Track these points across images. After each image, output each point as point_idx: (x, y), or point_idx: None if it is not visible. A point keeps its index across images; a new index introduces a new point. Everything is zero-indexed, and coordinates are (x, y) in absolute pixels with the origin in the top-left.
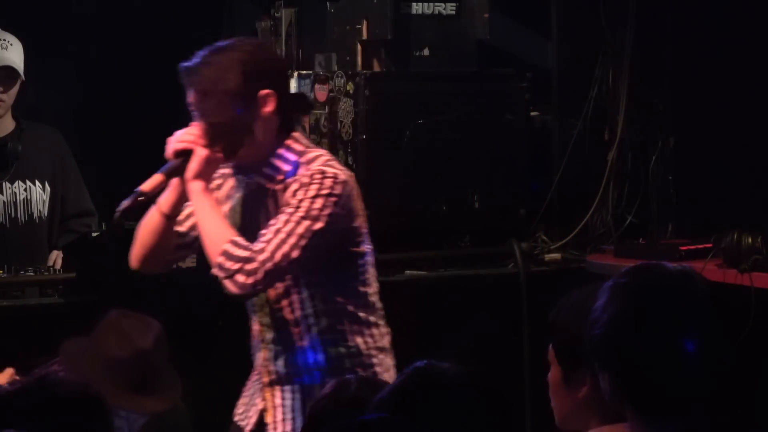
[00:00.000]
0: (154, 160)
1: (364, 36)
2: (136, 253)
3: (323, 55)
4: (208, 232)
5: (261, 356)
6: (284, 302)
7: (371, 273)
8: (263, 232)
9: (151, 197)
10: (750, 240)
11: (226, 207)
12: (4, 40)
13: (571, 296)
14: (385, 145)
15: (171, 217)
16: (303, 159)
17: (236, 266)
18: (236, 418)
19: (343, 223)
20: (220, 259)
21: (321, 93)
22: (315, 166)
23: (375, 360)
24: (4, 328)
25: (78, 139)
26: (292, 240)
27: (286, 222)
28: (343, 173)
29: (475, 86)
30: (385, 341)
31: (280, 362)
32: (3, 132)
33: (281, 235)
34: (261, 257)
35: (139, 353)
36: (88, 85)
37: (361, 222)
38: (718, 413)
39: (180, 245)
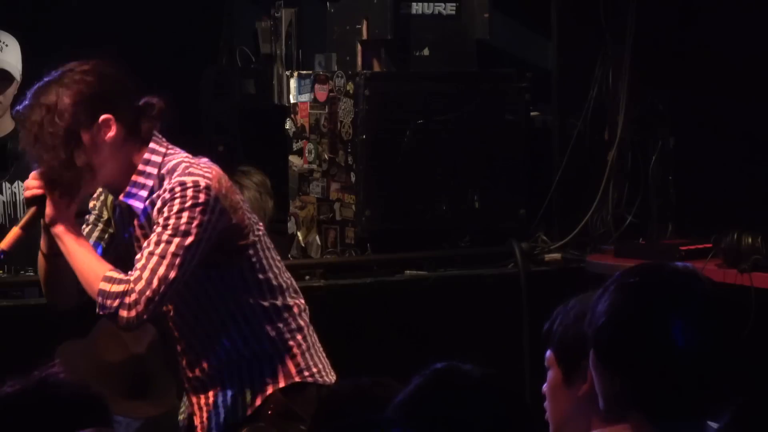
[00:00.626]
0: None
1: (364, 36)
2: (46, 295)
3: (323, 55)
4: (81, 274)
5: (178, 360)
6: (180, 316)
7: (268, 255)
8: (137, 258)
9: (12, 252)
10: (750, 240)
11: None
12: (0, 41)
13: (568, 303)
14: (385, 145)
15: (54, 255)
16: (164, 170)
17: (116, 303)
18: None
19: (217, 226)
20: (99, 300)
21: (321, 93)
22: (175, 177)
23: (292, 343)
24: (4, 328)
25: None
26: (167, 260)
27: (157, 243)
28: (204, 177)
29: (475, 86)
30: (301, 320)
31: (197, 370)
32: (2, 132)
33: (154, 258)
34: (138, 286)
35: (134, 358)
36: None
37: (240, 214)
38: (720, 411)
39: None
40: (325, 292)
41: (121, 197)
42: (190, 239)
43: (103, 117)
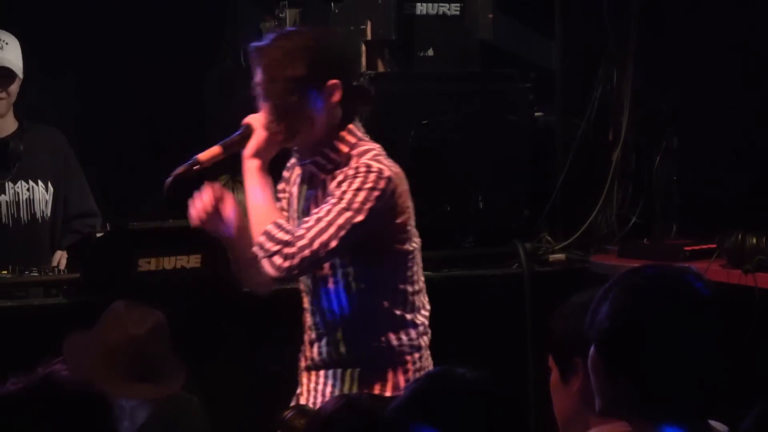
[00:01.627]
0: (156, 160)
1: (368, 36)
2: (243, 282)
3: None
4: (255, 211)
5: (303, 339)
6: (322, 291)
7: (415, 271)
8: (305, 219)
9: (206, 167)
10: (754, 240)
11: (288, 193)
12: (1, 39)
13: (565, 304)
14: (388, 145)
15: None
16: (354, 152)
17: (275, 248)
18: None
19: (384, 218)
20: (261, 239)
21: None
22: (363, 159)
23: (408, 358)
24: (8, 329)
25: (80, 139)
26: (332, 230)
27: (328, 212)
28: (389, 170)
29: (479, 86)
30: (422, 341)
31: (316, 348)
32: (5, 132)
33: (321, 224)
34: (300, 243)
35: (134, 341)
36: (91, 85)
37: (406, 219)
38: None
39: None
40: None
41: (309, 163)
42: (359, 218)
43: (332, 81)
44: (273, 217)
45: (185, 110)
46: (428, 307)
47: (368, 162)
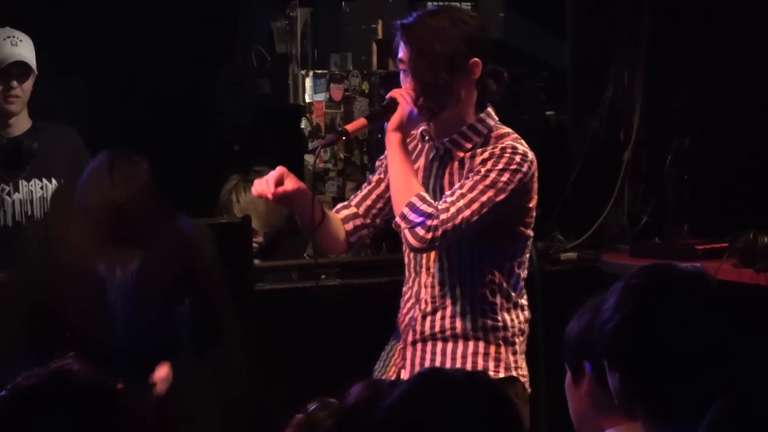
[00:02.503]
0: (169, 158)
1: (380, 35)
2: (318, 246)
3: (338, 54)
4: (398, 183)
5: (411, 315)
6: (446, 264)
7: (527, 257)
8: (448, 193)
9: (352, 137)
10: (766, 239)
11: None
12: (14, 36)
13: (581, 306)
14: None
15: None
16: (493, 133)
17: (419, 219)
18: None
19: (520, 200)
20: (405, 210)
21: (336, 92)
22: (508, 141)
23: (516, 339)
24: None
25: (93, 138)
26: (475, 206)
27: (472, 188)
28: (530, 153)
29: None
30: (526, 327)
31: (428, 322)
32: (19, 130)
33: (465, 200)
34: (443, 216)
35: (115, 207)
36: (103, 85)
37: (534, 204)
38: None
39: (355, 226)
40: (341, 292)
41: (446, 140)
42: (501, 196)
43: (474, 60)
44: (415, 189)
45: (197, 109)
46: (526, 293)
47: (513, 144)
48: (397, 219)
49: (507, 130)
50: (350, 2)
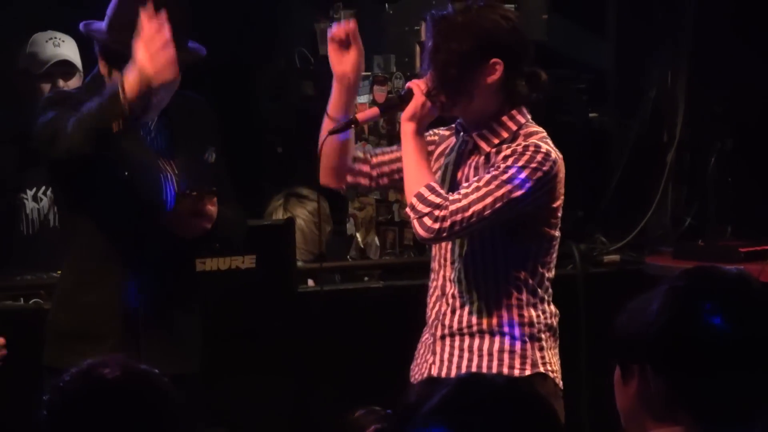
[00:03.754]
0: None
1: (423, 37)
2: (322, 177)
3: (382, 56)
4: (409, 173)
5: (438, 309)
6: (469, 260)
7: (553, 258)
8: (465, 185)
9: (361, 126)
10: None
11: (437, 164)
12: (56, 38)
13: (630, 300)
14: None
15: (334, 119)
16: (522, 131)
17: (426, 209)
18: (411, 379)
19: (541, 200)
20: (414, 200)
21: (379, 94)
22: (532, 139)
23: (543, 336)
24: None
25: None
26: (489, 200)
27: (488, 182)
28: (555, 153)
29: None
30: (554, 320)
31: (455, 317)
32: None
33: (479, 192)
34: (453, 207)
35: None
36: None
37: (559, 205)
38: None
39: (359, 170)
40: (384, 294)
41: (475, 134)
42: (518, 193)
43: (494, 60)
44: (426, 179)
45: (240, 111)
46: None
47: (537, 142)
48: (407, 209)
49: (537, 129)
50: (393, 4)
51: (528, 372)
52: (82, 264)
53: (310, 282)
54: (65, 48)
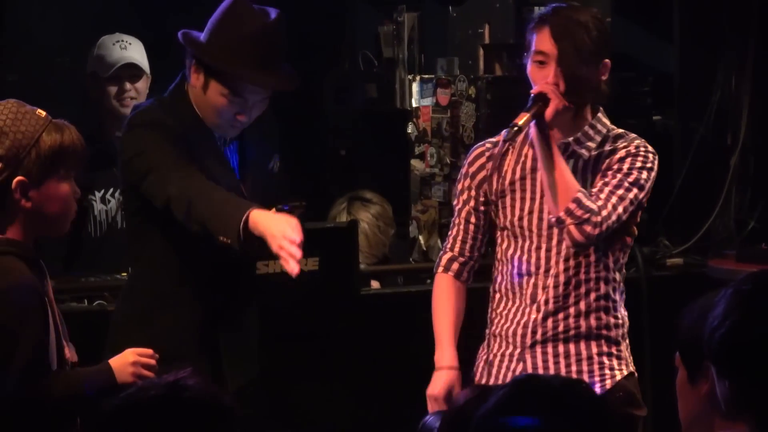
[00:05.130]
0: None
1: (486, 40)
2: None
3: (445, 59)
4: (559, 179)
5: (525, 319)
6: (572, 263)
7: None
8: (595, 190)
9: (522, 130)
10: None
11: (512, 174)
12: (122, 40)
13: (696, 301)
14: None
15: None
16: (612, 133)
17: (585, 215)
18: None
19: (646, 198)
20: (572, 206)
21: (443, 97)
22: (636, 141)
23: (625, 333)
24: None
25: None
26: (625, 203)
27: (618, 186)
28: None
29: None
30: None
31: (549, 324)
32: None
33: (615, 197)
34: (603, 213)
35: (262, 27)
36: None
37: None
38: None
39: (470, 269)
40: None
41: (570, 140)
42: (642, 194)
43: (607, 60)
44: (577, 185)
45: (303, 113)
46: None
47: (644, 143)
48: (561, 214)
49: (622, 130)
50: (457, 7)
51: (625, 372)
52: (155, 282)
53: (374, 284)
54: (132, 51)
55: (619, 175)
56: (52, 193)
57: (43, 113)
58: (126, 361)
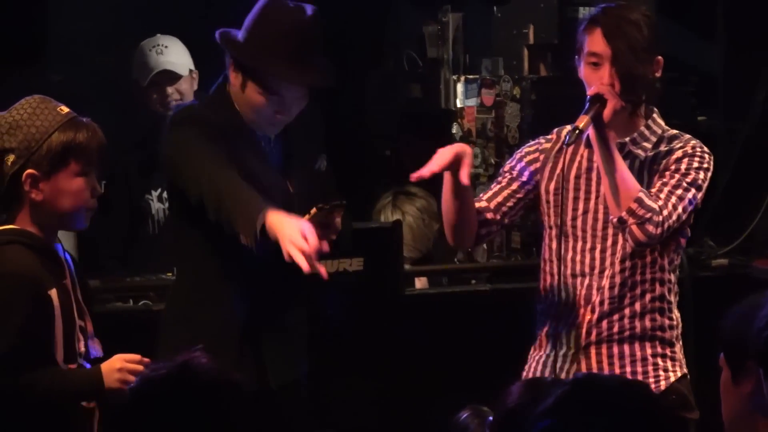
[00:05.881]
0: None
1: (531, 40)
2: (452, 237)
3: (490, 59)
4: (620, 179)
5: (579, 320)
6: (628, 264)
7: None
8: (654, 190)
9: (583, 132)
10: None
11: (560, 172)
12: (159, 45)
13: (740, 302)
14: None
15: (464, 190)
16: (666, 134)
17: (648, 215)
18: None
19: (702, 199)
20: (633, 206)
21: (487, 97)
22: (692, 141)
23: (678, 334)
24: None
25: None
26: (684, 203)
27: (677, 186)
28: None
29: None
30: None
31: (604, 325)
32: None
33: (675, 197)
34: (665, 212)
35: (298, 24)
36: None
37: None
38: None
39: (485, 220)
40: (491, 297)
41: (627, 140)
42: (699, 194)
43: (659, 57)
44: (637, 185)
45: (347, 114)
46: None
47: (700, 143)
48: (623, 214)
49: (676, 131)
50: (501, 7)
51: (678, 374)
52: (198, 280)
53: (418, 283)
54: (168, 54)
55: (677, 176)
56: (63, 187)
57: (65, 110)
58: (113, 367)
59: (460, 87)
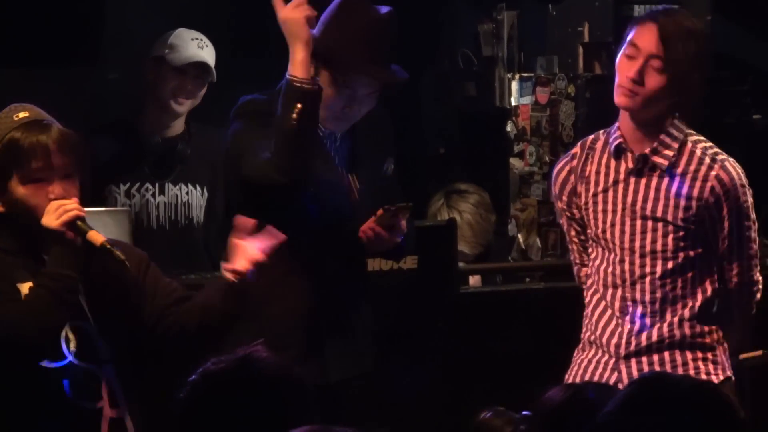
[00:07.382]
0: None
1: (586, 38)
2: None
3: (545, 57)
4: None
5: (620, 330)
6: (668, 278)
7: None
8: (733, 256)
9: None
10: None
11: (593, 187)
12: (201, 39)
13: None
14: None
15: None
16: (690, 139)
17: (758, 295)
18: None
19: None
20: (753, 305)
21: (542, 95)
22: (726, 163)
23: (721, 336)
24: None
25: None
26: (757, 259)
27: (749, 248)
28: None
29: None
30: None
31: (644, 335)
32: (174, 132)
33: (754, 261)
34: (760, 279)
35: (376, 22)
36: None
37: None
38: None
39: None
40: (546, 295)
41: (647, 150)
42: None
43: (705, 71)
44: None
45: (402, 112)
46: None
47: (742, 177)
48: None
49: (699, 136)
50: (556, 5)
51: (722, 377)
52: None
53: (471, 281)
54: (207, 53)
55: (741, 238)
56: (15, 196)
57: (22, 115)
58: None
59: (514, 85)
